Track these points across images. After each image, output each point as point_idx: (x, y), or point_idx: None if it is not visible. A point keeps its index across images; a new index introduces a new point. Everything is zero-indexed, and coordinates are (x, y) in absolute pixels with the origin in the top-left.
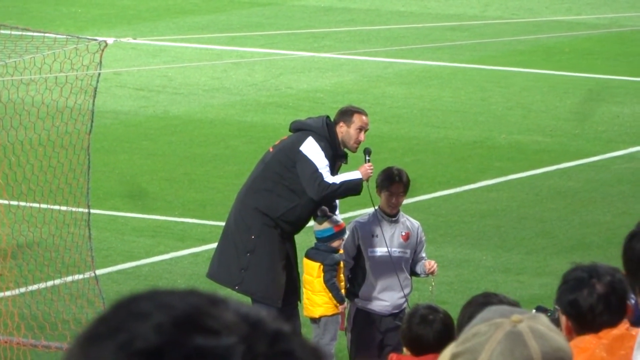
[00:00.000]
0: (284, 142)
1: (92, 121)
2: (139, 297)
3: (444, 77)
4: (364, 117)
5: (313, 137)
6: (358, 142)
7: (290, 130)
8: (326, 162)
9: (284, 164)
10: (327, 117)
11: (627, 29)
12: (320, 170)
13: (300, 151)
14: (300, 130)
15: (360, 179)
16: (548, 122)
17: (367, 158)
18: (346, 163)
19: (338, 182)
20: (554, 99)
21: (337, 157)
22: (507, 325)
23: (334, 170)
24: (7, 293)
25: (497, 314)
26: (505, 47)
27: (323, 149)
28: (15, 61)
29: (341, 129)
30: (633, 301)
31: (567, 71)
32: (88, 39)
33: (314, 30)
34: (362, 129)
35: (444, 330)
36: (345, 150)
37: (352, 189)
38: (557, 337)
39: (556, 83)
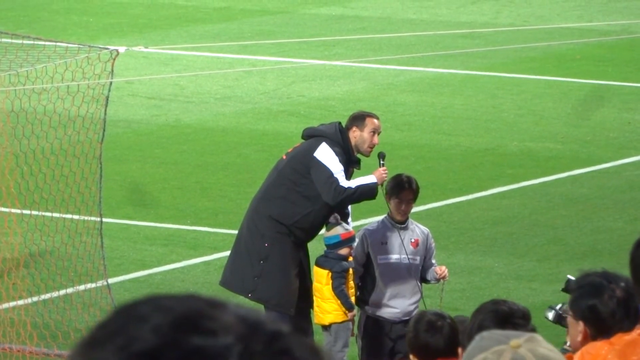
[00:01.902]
0: (297, 149)
1: (104, 130)
2: (138, 302)
3: (456, 84)
4: (375, 121)
5: (327, 142)
6: (372, 146)
7: (302, 137)
8: (341, 167)
9: (298, 170)
10: (339, 123)
11: (638, 36)
12: (335, 175)
13: (315, 157)
14: (313, 136)
15: (376, 183)
16: (559, 129)
17: (382, 162)
18: (359, 169)
19: (354, 186)
20: (565, 106)
21: (350, 162)
22: (509, 353)
23: (347, 176)
24: (20, 302)
25: (493, 341)
26: (517, 55)
27: (337, 154)
28: (27, 70)
29: (354, 134)
30: None
31: (578, 78)
32: (100, 47)
33: (325, 39)
34: (375, 132)
35: (452, 336)
36: (358, 155)
37: (367, 193)
38: (558, 356)
39: (568, 90)
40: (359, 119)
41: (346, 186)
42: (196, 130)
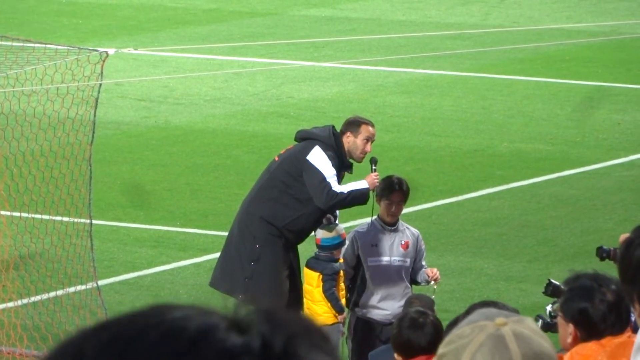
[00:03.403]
0: (289, 152)
1: (93, 132)
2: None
3: (445, 85)
4: (370, 128)
5: (320, 146)
6: (364, 153)
7: (295, 140)
8: (333, 171)
9: (290, 173)
10: (333, 126)
11: (627, 37)
12: (328, 179)
13: (308, 160)
14: (306, 139)
15: (367, 188)
16: (549, 130)
17: (374, 167)
18: (351, 173)
19: (346, 191)
20: (555, 107)
21: (342, 166)
22: (491, 328)
23: (339, 180)
24: (10, 304)
25: (482, 316)
26: (506, 56)
27: (330, 158)
28: (16, 72)
29: (348, 139)
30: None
31: (567, 79)
32: (89, 49)
33: (314, 40)
34: (369, 139)
35: (434, 333)
36: (350, 160)
37: (359, 198)
38: (541, 341)
39: (557, 91)
40: (354, 124)
41: (338, 191)
42: (186, 132)
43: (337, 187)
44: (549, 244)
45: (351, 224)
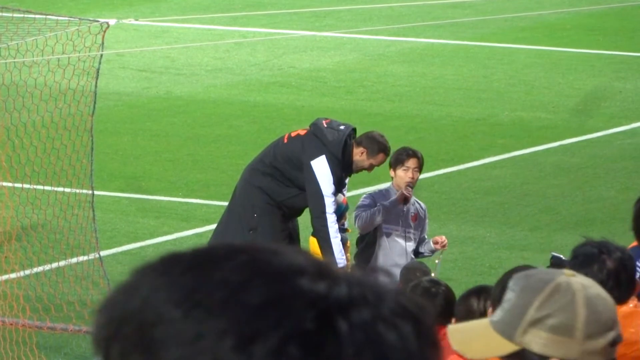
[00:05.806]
0: (298, 141)
1: (94, 103)
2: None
3: (446, 54)
4: (384, 159)
5: (327, 157)
6: (362, 171)
7: (310, 127)
8: (332, 189)
9: (292, 161)
10: (351, 132)
11: (629, 4)
12: (325, 198)
13: (310, 165)
14: (317, 137)
15: (340, 262)
16: (551, 99)
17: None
18: (349, 176)
19: (332, 239)
20: (556, 76)
21: (345, 175)
22: (575, 284)
23: (342, 183)
24: (12, 275)
25: (548, 275)
26: (507, 24)
27: (333, 173)
28: (17, 43)
29: (361, 155)
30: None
31: (569, 47)
32: (90, 20)
33: (315, 9)
34: (376, 166)
35: (445, 304)
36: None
37: (330, 251)
38: (599, 288)
39: (558, 59)
40: (374, 147)
41: (329, 224)
42: (187, 102)
43: (330, 218)
44: (551, 212)
45: (355, 192)
